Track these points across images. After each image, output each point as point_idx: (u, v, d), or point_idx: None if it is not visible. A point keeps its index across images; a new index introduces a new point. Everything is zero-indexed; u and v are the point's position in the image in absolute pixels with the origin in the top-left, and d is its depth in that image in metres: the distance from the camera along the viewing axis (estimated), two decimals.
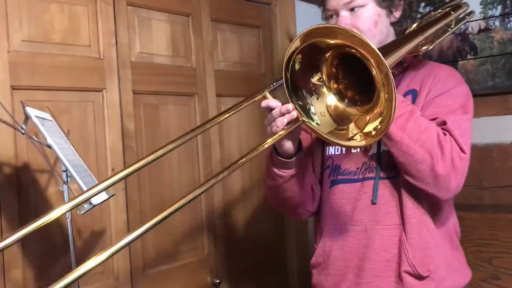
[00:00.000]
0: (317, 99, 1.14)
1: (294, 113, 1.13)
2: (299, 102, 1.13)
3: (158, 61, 2.01)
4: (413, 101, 1.32)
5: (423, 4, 2.25)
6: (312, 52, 1.09)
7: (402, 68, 1.37)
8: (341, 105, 1.14)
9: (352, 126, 1.11)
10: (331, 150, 1.41)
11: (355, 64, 1.06)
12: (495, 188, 2.13)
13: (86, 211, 1.33)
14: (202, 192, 1.03)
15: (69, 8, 1.74)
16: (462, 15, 1.54)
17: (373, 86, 1.04)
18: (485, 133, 2.12)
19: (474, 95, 1.39)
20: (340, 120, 1.13)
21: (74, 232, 1.64)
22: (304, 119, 1.13)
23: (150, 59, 1.99)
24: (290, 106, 1.14)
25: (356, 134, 1.09)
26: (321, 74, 1.13)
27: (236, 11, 2.33)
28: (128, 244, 0.92)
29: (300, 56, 1.09)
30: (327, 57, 1.11)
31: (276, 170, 1.31)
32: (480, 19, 2.16)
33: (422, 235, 1.29)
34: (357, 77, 1.11)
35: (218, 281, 2.13)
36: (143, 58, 1.96)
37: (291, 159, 1.27)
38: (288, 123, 1.14)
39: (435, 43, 1.41)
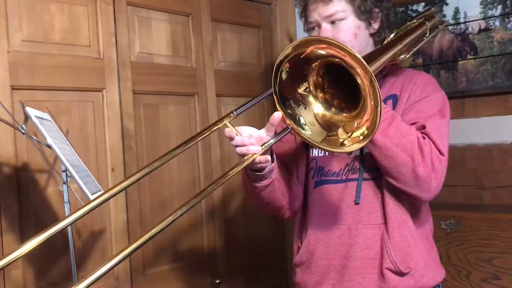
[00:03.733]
0: (305, 109, 1.16)
1: (259, 148, 1.17)
2: (288, 111, 1.15)
3: (158, 61, 2.01)
4: (394, 106, 1.38)
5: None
6: (300, 62, 1.12)
7: (381, 75, 1.43)
8: (328, 114, 1.17)
9: (340, 131, 1.14)
10: (314, 152, 1.45)
11: (340, 73, 1.09)
12: (495, 188, 2.13)
13: None
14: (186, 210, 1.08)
15: (69, 8, 1.74)
16: (436, 24, 1.62)
17: (358, 94, 1.07)
18: (485, 133, 2.12)
19: (474, 95, 1.40)
20: (328, 127, 1.16)
21: (74, 232, 1.65)
22: (295, 129, 1.14)
23: (150, 59, 1.99)
24: (246, 140, 1.17)
25: (345, 139, 1.12)
26: (308, 84, 1.16)
27: (236, 11, 2.33)
28: (131, 253, 0.92)
29: (287, 65, 1.12)
30: (314, 67, 1.13)
31: (250, 183, 1.34)
32: (480, 19, 2.16)
33: (402, 234, 1.34)
34: (342, 86, 1.14)
35: (218, 281, 2.13)
36: (143, 58, 1.96)
37: (264, 172, 1.29)
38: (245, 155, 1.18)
39: (411, 52, 1.48)
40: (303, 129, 1.15)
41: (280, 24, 2.50)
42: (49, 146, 1.32)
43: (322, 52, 1.08)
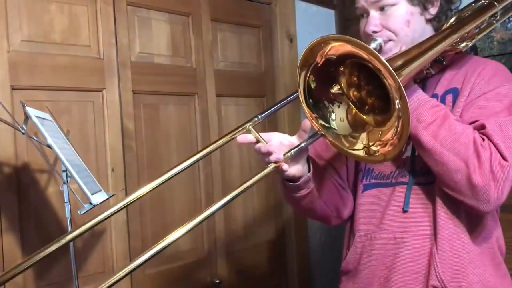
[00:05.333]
0: (338, 107, 1.12)
1: (279, 156, 1.11)
2: (320, 112, 1.11)
3: (158, 61, 2.01)
4: (454, 101, 1.22)
5: None
6: (324, 68, 1.05)
7: (441, 66, 1.26)
8: (359, 112, 1.11)
9: (363, 136, 1.09)
10: None
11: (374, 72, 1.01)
12: None
13: (86, 211, 1.33)
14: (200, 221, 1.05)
15: (69, 8, 1.74)
16: (510, 4, 1.37)
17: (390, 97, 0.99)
18: None
19: None
20: (355, 127, 1.11)
21: None
22: (325, 135, 1.11)
23: (150, 59, 1.99)
24: (271, 148, 1.11)
25: (364, 148, 1.07)
26: (340, 84, 1.10)
27: (236, 11, 2.33)
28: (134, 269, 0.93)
29: (312, 76, 1.07)
30: (344, 68, 1.07)
31: (288, 193, 1.27)
32: None
33: (455, 248, 1.19)
34: (380, 83, 1.02)
35: (218, 281, 2.13)
36: (143, 58, 1.96)
37: (299, 182, 1.21)
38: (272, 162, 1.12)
39: (475, 39, 1.27)
40: (330, 124, 1.10)
41: (280, 24, 2.50)
42: (49, 146, 1.32)
43: (342, 52, 1.01)
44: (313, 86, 1.09)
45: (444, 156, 1.10)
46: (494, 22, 1.33)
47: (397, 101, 0.97)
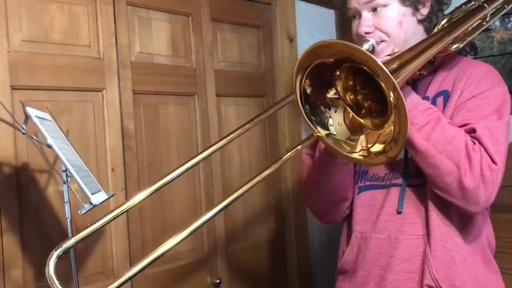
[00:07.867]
0: (335, 111, 1.12)
1: None
2: (318, 118, 1.11)
3: (158, 61, 2.01)
4: (444, 103, 1.24)
5: None
6: (319, 72, 1.06)
7: (432, 67, 1.28)
8: (356, 116, 1.11)
9: (362, 138, 1.09)
10: None
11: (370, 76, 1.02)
12: None
13: (86, 211, 1.33)
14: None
15: (69, 8, 1.74)
16: (499, 6, 1.39)
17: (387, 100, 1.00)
18: None
19: None
20: (354, 130, 1.11)
21: (74, 232, 1.64)
22: (318, 134, 1.12)
23: (150, 59, 1.99)
24: None
25: (362, 150, 1.08)
26: (336, 88, 1.11)
27: (236, 11, 2.33)
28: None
29: (308, 81, 1.07)
30: (340, 71, 1.08)
31: (330, 161, 1.27)
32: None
33: (447, 248, 1.22)
34: (375, 87, 1.03)
35: (218, 281, 2.13)
36: (143, 58, 1.96)
37: None
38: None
39: (466, 41, 1.29)
40: (329, 129, 1.11)
41: (280, 24, 2.50)
42: (49, 146, 1.32)
43: (338, 57, 1.01)
44: (308, 91, 1.09)
45: (437, 158, 1.13)
46: (484, 24, 1.35)
47: (393, 102, 0.97)
